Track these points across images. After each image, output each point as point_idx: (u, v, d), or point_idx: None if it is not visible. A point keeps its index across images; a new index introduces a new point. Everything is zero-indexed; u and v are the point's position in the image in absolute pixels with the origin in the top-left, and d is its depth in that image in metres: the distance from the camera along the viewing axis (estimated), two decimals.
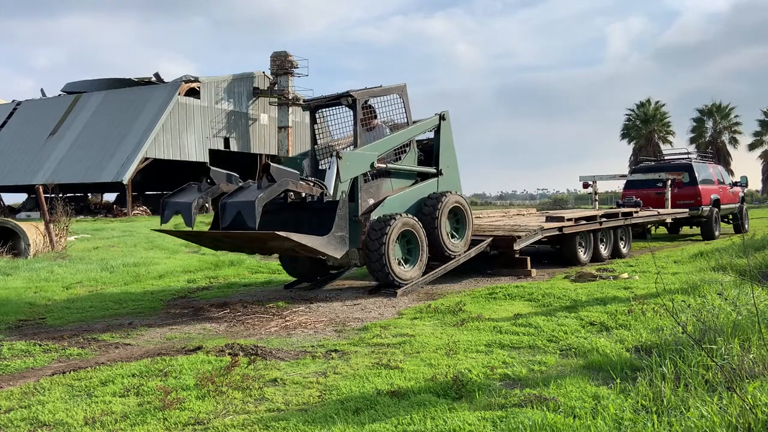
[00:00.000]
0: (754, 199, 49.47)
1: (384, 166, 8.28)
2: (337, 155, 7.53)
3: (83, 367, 4.68)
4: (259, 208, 6.27)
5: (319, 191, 7.16)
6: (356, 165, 7.88)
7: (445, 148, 9.19)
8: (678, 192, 15.97)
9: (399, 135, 8.59)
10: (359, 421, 3.42)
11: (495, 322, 5.89)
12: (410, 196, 8.60)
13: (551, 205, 47.05)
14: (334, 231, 7.02)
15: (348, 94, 8.37)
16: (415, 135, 8.91)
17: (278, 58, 39.08)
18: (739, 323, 4.65)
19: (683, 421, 3.09)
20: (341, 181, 7.52)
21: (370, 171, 8.11)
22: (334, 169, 7.49)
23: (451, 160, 9.31)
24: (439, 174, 9.03)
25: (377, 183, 8.34)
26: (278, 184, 6.64)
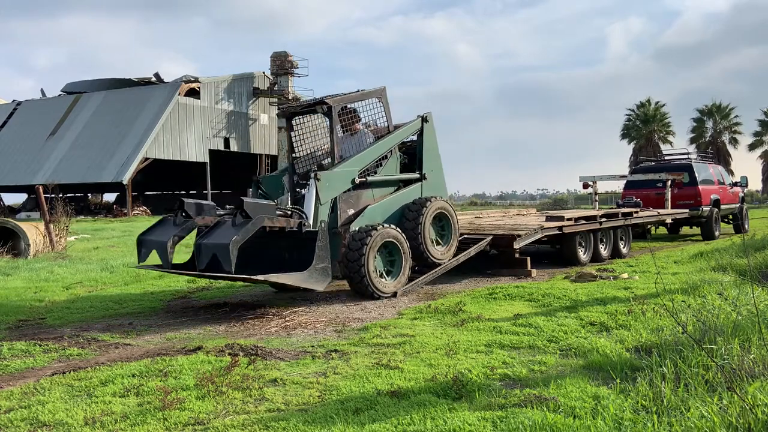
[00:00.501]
0: (754, 199, 49.47)
1: (364, 180, 8.01)
2: (315, 177, 7.30)
3: (83, 367, 4.68)
4: (233, 252, 6.03)
5: (297, 222, 6.93)
6: (336, 184, 7.65)
7: (428, 151, 8.87)
8: (678, 192, 15.97)
9: (380, 145, 8.31)
10: (359, 421, 3.42)
11: (495, 323, 5.89)
12: (393, 203, 8.32)
13: (551, 205, 47.05)
14: (315, 263, 6.68)
15: (323, 102, 8.06)
16: (398, 141, 8.60)
17: (278, 58, 39.11)
18: (739, 323, 4.66)
19: (683, 421, 3.09)
20: (321, 203, 7.32)
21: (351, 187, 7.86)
22: (313, 193, 7.25)
23: (435, 164, 8.99)
24: (422, 179, 8.72)
25: (357, 193, 8.02)
26: (252, 222, 6.37)
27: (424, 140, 8.80)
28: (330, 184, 7.53)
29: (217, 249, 6.14)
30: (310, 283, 6.69)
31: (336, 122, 8.02)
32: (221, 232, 6.37)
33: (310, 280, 6.68)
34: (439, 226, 8.63)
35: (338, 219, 7.64)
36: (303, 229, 6.94)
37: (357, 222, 7.68)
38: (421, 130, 8.79)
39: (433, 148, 8.96)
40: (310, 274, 6.66)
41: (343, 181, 7.74)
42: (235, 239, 6.08)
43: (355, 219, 7.72)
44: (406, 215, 8.23)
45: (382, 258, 7.69)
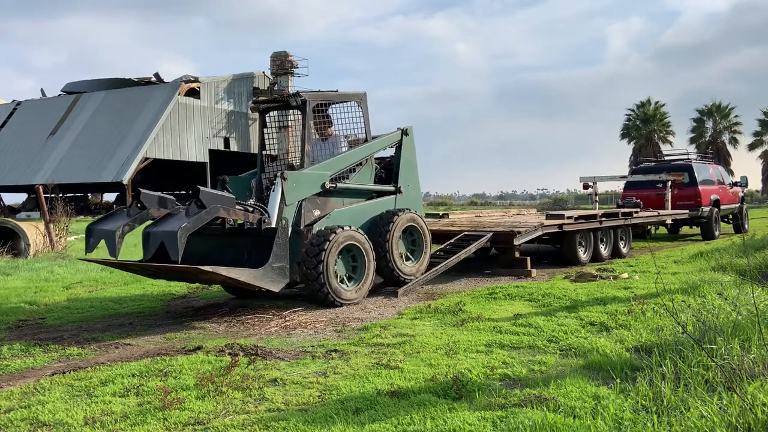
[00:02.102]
0: (754, 199, 49.47)
1: (334, 186, 7.55)
2: (281, 176, 6.94)
3: (83, 367, 4.68)
4: (182, 239, 5.63)
5: (257, 218, 6.53)
6: (304, 186, 7.23)
7: (406, 165, 8.48)
8: (678, 193, 15.98)
9: (356, 152, 7.94)
10: (359, 421, 3.42)
11: (495, 322, 5.89)
12: (363, 211, 7.88)
13: (551, 205, 47.07)
14: (271, 262, 6.32)
15: (297, 94, 7.65)
16: (375, 151, 8.24)
17: (278, 58, 39.12)
18: (739, 323, 4.66)
19: (683, 421, 3.09)
20: (287, 204, 6.91)
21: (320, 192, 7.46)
22: (278, 193, 6.88)
23: (413, 179, 8.57)
24: (397, 192, 8.31)
25: (326, 199, 7.61)
26: (206, 211, 6.00)
27: (402, 153, 8.45)
28: (298, 185, 7.12)
29: (164, 237, 5.76)
30: (264, 282, 6.29)
31: (310, 118, 7.57)
32: (173, 221, 6.02)
33: (264, 279, 6.29)
34: (410, 241, 8.26)
35: (302, 219, 7.20)
36: (263, 226, 6.55)
37: (321, 223, 7.27)
38: (401, 143, 8.45)
39: (411, 162, 8.62)
40: (266, 273, 6.29)
41: (312, 184, 7.33)
42: (184, 226, 5.68)
43: (320, 220, 7.33)
44: (374, 227, 7.78)
45: (344, 262, 7.26)
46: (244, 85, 39.40)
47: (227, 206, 6.29)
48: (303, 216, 7.19)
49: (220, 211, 6.18)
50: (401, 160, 8.44)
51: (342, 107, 8.25)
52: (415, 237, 8.27)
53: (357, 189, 7.94)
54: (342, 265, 7.22)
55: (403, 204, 8.27)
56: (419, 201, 8.68)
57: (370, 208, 7.97)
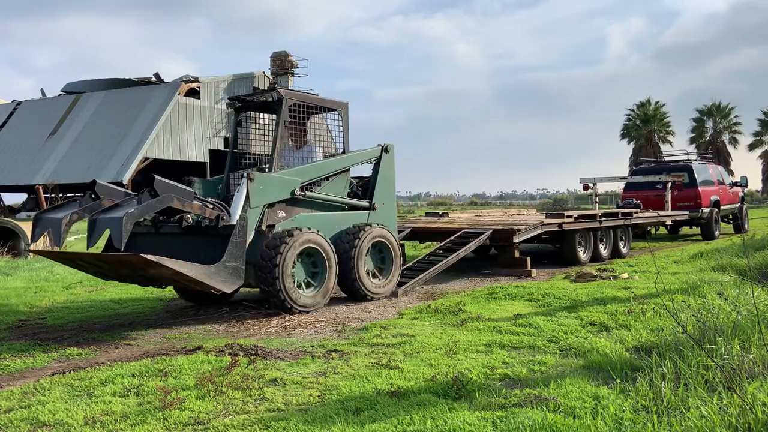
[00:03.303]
0: (754, 199, 49.47)
1: (303, 194, 7.21)
2: (248, 176, 6.60)
3: (83, 367, 4.69)
4: (127, 226, 5.28)
5: (216, 214, 6.16)
6: (272, 190, 6.85)
7: (383, 182, 8.15)
8: (678, 194, 15.98)
9: (330, 162, 7.66)
10: (359, 421, 3.42)
11: (495, 322, 5.89)
12: (331, 221, 7.52)
13: (551, 205, 47.06)
14: (225, 260, 5.93)
15: (273, 89, 7.31)
16: (351, 164, 7.93)
17: (278, 58, 39.09)
18: (739, 323, 4.66)
19: (683, 421, 3.09)
20: (251, 207, 6.53)
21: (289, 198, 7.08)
22: (243, 194, 6.53)
23: (388, 198, 8.25)
24: (371, 208, 7.98)
25: (294, 207, 7.24)
26: (158, 199, 5.67)
27: (380, 169, 8.14)
28: (265, 189, 6.74)
29: (109, 223, 5.41)
30: (215, 281, 5.87)
31: (285, 116, 7.21)
32: (121, 208, 5.66)
33: (216, 278, 5.88)
34: (379, 258, 7.85)
35: (265, 218, 6.84)
36: (220, 223, 6.19)
37: (284, 224, 6.94)
38: (380, 159, 8.16)
39: (389, 180, 8.27)
40: (218, 271, 5.89)
41: (281, 189, 6.96)
42: (131, 212, 5.35)
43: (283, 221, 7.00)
44: (340, 240, 7.42)
45: (304, 266, 6.89)
46: (245, 86, 39.36)
47: (183, 197, 5.92)
48: (266, 216, 6.84)
49: (173, 200, 5.79)
50: (378, 176, 8.13)
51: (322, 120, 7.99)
52: (384, 254, 7.84)
53: (328, 200, 7.60)
54: (301, 269, 6.86)
55: (375, 221, 7.90)
56: (393, 220, 8.35)
57: (339, 219, 7.62)
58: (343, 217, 7.67)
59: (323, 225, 7.27)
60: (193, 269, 5.74)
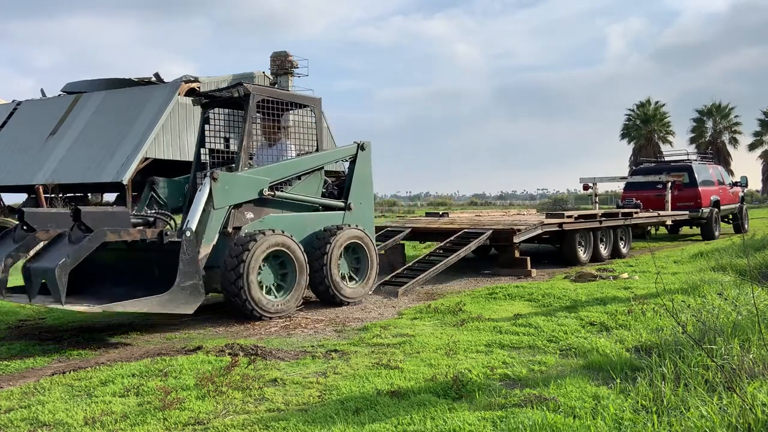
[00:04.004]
0: (754, 199, 49.47)
1: (273, 194, 6.89)
2: (211, 176, 6.28)
3: (83, 367, 4.69)
4: (62, 278, 4.93)
5: (159, 231, 5.71)
6: (238, 190, 6.52)
7: (359, 180, 7.88)
8: (678, 194, 15.98)
9: (303, 160, 7.33)
10: (359, 421, 3.42)
11: (495, 322, 5.89)
12: (302, 222, 7.19)
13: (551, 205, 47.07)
14: (179, 282, 5.49)
15: (240, 84, 6.95)
16: (325, 162, 7.61)
17: (278, 58, 39.07)
18: (739, 323, 4.66)
19: (683, 421, 3.09)
20: (215, 208, 6.22)
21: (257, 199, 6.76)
22: (204, 195, 6.19)
23: (366, 197, 7.97)
24: (347, 208, 7.69)
25: (263, 208, 6.95)
26: (89, 239, 5.18)
27: (356, 168, 7.87)
28: (230, 188, 6.40)
29: (44, 275, 5.12)
30: (173, 307, 5.47)
31: (252, 112, 6.93)
32: (55, 251, 5.30)
33: (173, 304, 5.45)
34: (355, 260, 7.55)
35: (232, 219, 6.53)
36: (165, 239, 5.70)
37: (252, 225, 6.63)
38: (355, 158, 7.89)
39: (366, 179, 7.99)
40: (173, 296, 5.44)
41: (248, 189, 6.63)
42: (62, 263, 4.97)
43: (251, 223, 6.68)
44: (313, 242, 7.08)
45: (272, 270, 6.55)
46: None
47: (118, 227, 5.43)
48: (232, 217, 6.54)
49: (106, 235, 5.26)
50: (354, 175, 7.86)
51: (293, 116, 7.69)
52: (359, 256, 7.54)
53: (300, 200, 7.28)
54: (269, 273, 6.52)
55: (351, 222, 7.62)
56: (371, 221, 8.05)
57: (312, 221, 7.29)
58: (316, 218, 7.37)
59: (294, 226, 6.97)
60: (145, 305, 5.32)
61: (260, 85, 7.13)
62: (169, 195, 6.93)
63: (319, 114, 7.71)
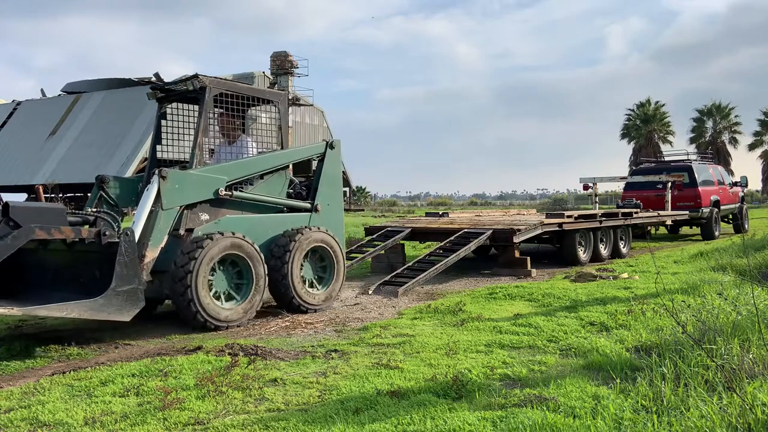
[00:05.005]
0: (754, 199, 49.51)
1: (230, 194, 6.46)
2: (159, 174, 5.88)
3: (83, 367, 4.69)
4: None
5: (96, 231, 5.25)
6: (191, 189, 6.11)
7: (327, 180, 7.43)
8: (678, 194, 16.00)
9: (264, 158, 6.88)
10: (359, 421, 3.42)
11: (495, 322, 5.89)
12: (263, 224, 6.76)
13: (551, 205, 47.09)
14: (114, 286, 5.09)
15: (195, 77, 6.52)
16: (290, 161, 7.17)
17: (278, 58, 39.07)
18: (739, 323, 4.66)
19: (683, 421, 3.09)
20: (163, 208, 5.83)
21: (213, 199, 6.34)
22: (152, 195, 5.80)
23: (334, 198, 7.54)
24: (313, 210, 7.23)
25: (220, 209, 6.50)
26: (14, 236, 4.79)
27: (324, 167, 7.42)
28: (181, 188, 6.00)
29: None
30: (107, 314, 5.06)
31: (208, 107, 6.51)
32: None
33: (107, 309, 5.06)
34: (320, 265, 7.14)
35: (184, 221, 6.13)
36: (103, 240, 5.25)
37: (206, 228, 6.20)
38: (323, 156, 7.44)
39: (335, 179, 7.57)
40: (107, 301, 5.05)
41: (201, 188, 6.22)
42: None
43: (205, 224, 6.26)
44: (273, 245, 6.70)
45: (226, 276, 6.13)
46: None
47: (49, 224, 5.01)
48: (185, 218, 6.14)
49: (34, 232, 4.85)
50: (322, 175, 7.41)
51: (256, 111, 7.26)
52: (325, 261, 7.14)
53: (261, 201, 6.83)
54: (222, 279, 6.10)
55: (318, 224, 7.17)
56: (340, 223, 7.61)
57: (276, 222, 6.88)
58: (279, 220, 6.94)
59: (254, 228, 6.58)
60: (75, 309, 4.90)
61: (218, 78, 6.62)
62: (121, 194, 6.39)
63: (284, 110, 7.29)
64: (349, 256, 9.61)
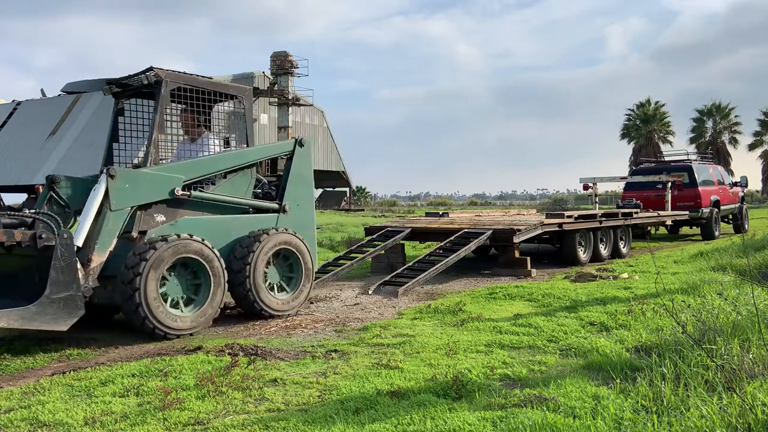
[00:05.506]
0: (754, 199, 49.50)
1: (188, 195, 6.09)
2: (107, 172, 5.55)
3: (83, 367, 4.69)
4: None
5: (32, 234, 4.96)
6: (143, 189, 5.75)
7: (296, 180, 7.10)
8: (678, 194, 16.00)
9: (226, 156, 6.56)
10: (359, 421, 3.42)
11: (495, 322, 5.89)
12: (227, 225, 6.43)
13: (551, 205, 47.11)
14: (49, 293, 4.79)
15: (150, 69, 6.13)
16: (255, 159, 6.81)
17: (278, 58, 39.08)
18: (739, 323, 4.66)
19: (683, 421, 3.09)
20: (112, 209, 5.50)
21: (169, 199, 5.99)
22: (99, 195, 5.47)
23: (304, 198, 7.18)
24: (281, 210, 6.90)
25: (177, 210, 6.14)
26: None
27: (293, 166, 7.10)
28: (132, 187, 5.66)
29: None
30: (40, 323, 4.77)
31: (165, 102, 6.14)
32: None
33: (40, 318, 4.76)
34: (287, 268, 6.81)
35: (138, 222, 5.79)
36: (39, 243, 4.96)
37: (161, 230, 5.87)
38: (292, 154, 7.11)
39: (305, 178, 7.22)
40: (41, 310, 4.76)
41: (156, 188, 5.86)
42: None
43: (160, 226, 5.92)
44: (236, 247, 6.37)
45: (180, 281, 5.79)
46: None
47: None
48: (138, 219, 5.81)
49: None
50: (291, 174, 7.08)
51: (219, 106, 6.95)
52: (292, 265, 6.81)
53: (223, 201, 6.47)
54: (177, 285, 5.77)
55: (287, 225, 6.85)
56: (311, 224, 7.28)
57: (238, 224, 6.54)
58: (243, 221, 6.60)
59: (215, 230, 6.27)
60: (3, 318, 4.61)
61: (177, 72, 6.27)
62: (72, 195, 5.90)
63: (249, 106, 6.92)
64: (349, 256, 9.62)
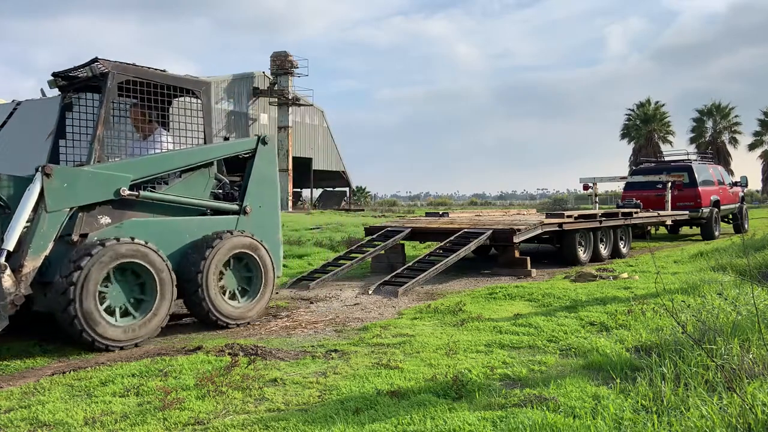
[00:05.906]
0: (754, 199, 49.51)
1: (136, 195, 5.64)
2: (42, 170, 5.12)
3: (83, 367, 4.69)
4: None
5: None
6: (85, 189, 5.33)
7: (259, 180, 6.67)
8: (678, 194, 16.00)
9: (181, 154, 6.07)
10: (359, 421, 3.42)
11: (495, 322, 5.89)
12: (179, 228, 5.99)
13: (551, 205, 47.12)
14: None
15: (95, 61, 5.74)
16: (213, 157, 6.34)
17: (278, 58, 39.11)
18: (739, 323, 4.66)
19: (683, 421, 3.09)
20: (48, 211, 5.10)
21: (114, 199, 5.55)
22: (33, 196, 5.07)
23: (268, 199, 6.75)
24: (241, 212, 6.46)
25: (125, 212, 5.70)
26: None
27: (255, 165, 6.64)
28: (71, 186, 5.25)
29: None
30: None
31: (111, 95, 5.71)
32: None
33: None
34: (246, 274, 6.43)
35: (79, 224, 5.37)
36: None
37: (105, 232, 5.47)
38: (254, 153, 6.66)
39: (268, 178, 6.78)
40: None
41: (99, 187, 5.42)
42: None
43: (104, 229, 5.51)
44: (189, 252, 5.96)
45: (123, 288, 5.39)
46: (244, 85, 39.38)
47: None
48: (80, 221, 5.39)
49: None
50: (253, 173, 6.63)
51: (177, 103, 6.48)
52: (252, 270, 6.43)
53: (174, 202, 6.00)
54: (119, 292, 5.37)
55: (247, 228, 6.45)
56: (275, 227, 6.84)
57: (192, 226, 6.10)
58: (199, 224, 6.16)
59: (165, 233, 5.86)
60: None
61: (125, 63, 5.84)
62: (15, 194, 5.38)
63: (207, 101, 6.48)
64: (349, 256, 9.62)
